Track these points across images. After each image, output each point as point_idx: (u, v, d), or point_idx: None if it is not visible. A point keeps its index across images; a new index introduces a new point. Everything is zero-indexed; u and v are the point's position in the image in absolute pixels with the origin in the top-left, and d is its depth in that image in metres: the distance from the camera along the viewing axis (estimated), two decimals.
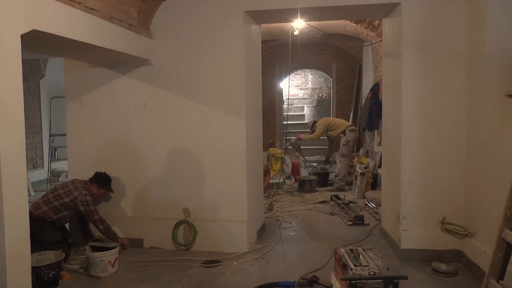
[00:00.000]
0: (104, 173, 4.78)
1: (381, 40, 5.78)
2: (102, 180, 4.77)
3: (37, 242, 3.94)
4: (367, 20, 7.01)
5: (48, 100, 9.59)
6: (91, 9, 3.49)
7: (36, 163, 10.03)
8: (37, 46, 3.75)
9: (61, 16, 3.12)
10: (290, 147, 9.43)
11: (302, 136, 8.99)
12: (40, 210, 4.42)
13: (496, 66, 3.68)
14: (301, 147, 9.52)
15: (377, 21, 6.85)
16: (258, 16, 4.87)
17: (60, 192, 4.51)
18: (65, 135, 5.17)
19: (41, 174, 9.72)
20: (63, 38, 3.18)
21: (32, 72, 9.77)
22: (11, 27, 2.64)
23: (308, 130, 9.27)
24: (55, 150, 9.59)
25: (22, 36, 2.71)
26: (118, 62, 4.71)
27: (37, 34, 2.95)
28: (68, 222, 4.72)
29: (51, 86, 9.94)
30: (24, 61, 2.64)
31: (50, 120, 9.55)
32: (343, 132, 8.31)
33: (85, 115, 5.01)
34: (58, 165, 9.63)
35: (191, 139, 4.75)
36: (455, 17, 4.18)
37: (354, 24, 7.39)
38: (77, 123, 5.04)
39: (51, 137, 9.37)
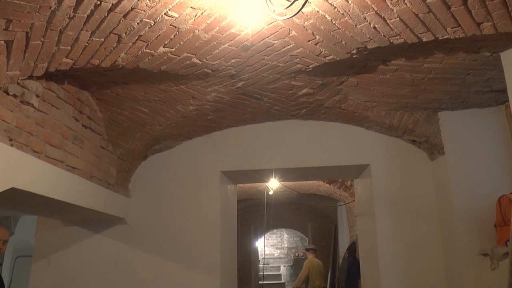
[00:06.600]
0: None
1: (354, 200, 5.95)
2: None
3: None
4: (340, 180, 7.31)
5: (13, 259, 9.13)
6: (73, 167, 3.52)
7: None
8: (12, 204, 3.64)
9: (42, 175, 3.07)
10: None
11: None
12: None
13: (466, 226, 3.80)
14: None
15: (349, 182, 7.14)
16: (234, 176, 5.03)
17: None
18: None
19: None
20: (42, 196, 3.10)
21: None
22: None
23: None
24: None
25: None
26: (93, 220, 4.65)
27: (14, 192, 2.85)
28: None
29: (18, 245, 9.55)
30: None
31: (10, 282, 8.96)
32: None
33: (52, 276, 4.71)
34: None
35: None
36: (422, 177, 4.41)
37: (327, 185, 7.67)
38: (42, 285, 4.71)
39: None
